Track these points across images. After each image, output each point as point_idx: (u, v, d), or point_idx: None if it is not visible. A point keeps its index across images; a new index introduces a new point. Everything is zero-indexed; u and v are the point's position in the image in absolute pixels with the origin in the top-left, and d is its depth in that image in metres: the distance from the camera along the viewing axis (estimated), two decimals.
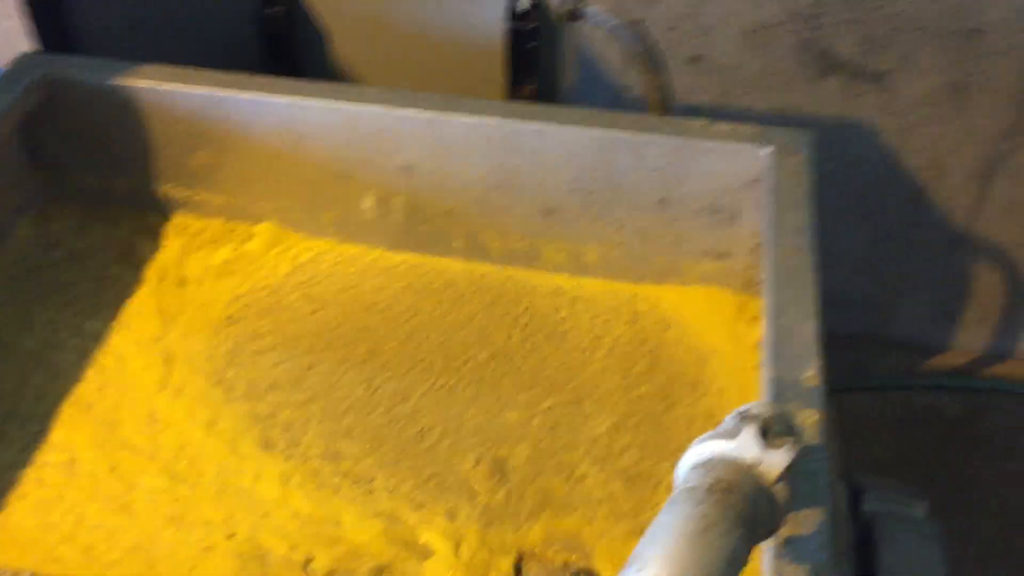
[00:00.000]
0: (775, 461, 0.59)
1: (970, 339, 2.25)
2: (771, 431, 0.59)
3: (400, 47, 1.30)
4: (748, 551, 0.56)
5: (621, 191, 1.12)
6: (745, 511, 0.56)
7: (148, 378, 1.02)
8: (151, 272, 1.17)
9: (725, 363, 1.08)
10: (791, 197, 1.02)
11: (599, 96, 2.04)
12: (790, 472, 0.59)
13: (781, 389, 0.82)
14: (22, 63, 1.18)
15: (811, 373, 0.84)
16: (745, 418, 0.60)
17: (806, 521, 0.71)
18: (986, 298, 2.19)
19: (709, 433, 0.62)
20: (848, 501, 1.04)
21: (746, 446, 0.59)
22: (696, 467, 0.59)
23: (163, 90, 1.16)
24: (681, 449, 0.64)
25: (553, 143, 1.11)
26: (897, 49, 1.87)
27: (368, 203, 1.19)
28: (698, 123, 1.10)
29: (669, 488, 0.92)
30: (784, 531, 0.68)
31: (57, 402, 1.00)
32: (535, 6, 1.24)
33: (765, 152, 1.07)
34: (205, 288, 1.16)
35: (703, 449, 0.60)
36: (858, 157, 2.03)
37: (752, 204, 1.10)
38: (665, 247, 1.15)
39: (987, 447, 2.16)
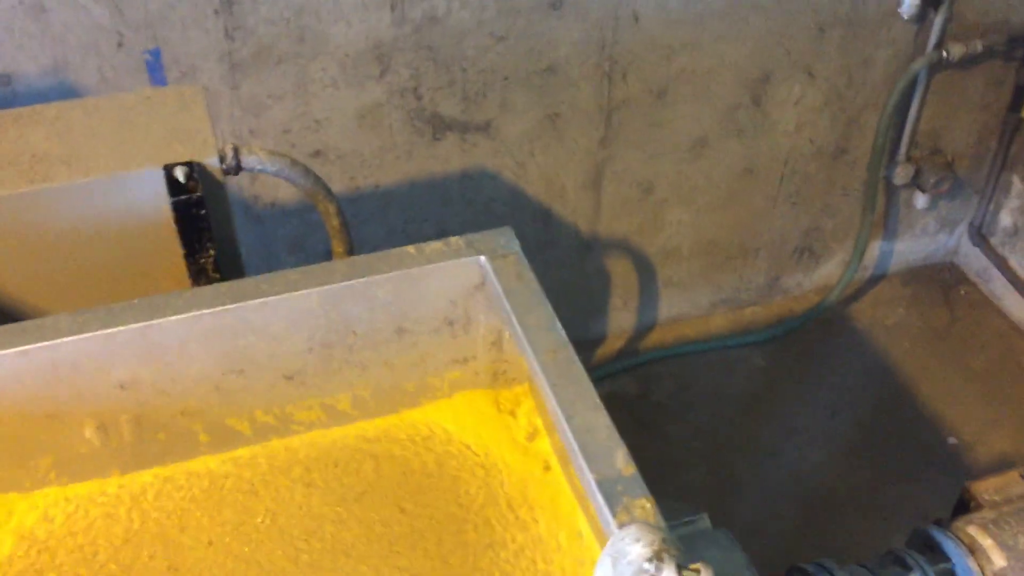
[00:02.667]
0: None
1: (621, 322, 2.52)
2: (681, 563, 0.65)
3: (66, 252, 1.17)
4: None
5: (357, 335, 1.12)
6: None
7: None
8: None
9: (506, 462, 1.13)
10: (523, 298, 1.09)
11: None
12: None
13: (607, 488, 0.89)
14: None
15: (623, 462, 0.91)
16: (658, 561, 0.65)
17: None
18: (622, 284, 2.46)
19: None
20: None
21: None
22: None
23: None
24: None
25: (279, 312, 1.08)
26: (493, 99, 2.03)
27: (88, 433, 1.08)
28: (410, 250, 1.13)
29: None
30: None
31: None
32: (192, 172, 1.19)
33: (481, 260, 1.12)
34: None
35: None
36: (488, 198, 2.18)
37: (480, 307, 1.15)
38: (412, 371, 1.17)
39: (666, 410, 2.44)
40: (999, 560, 1.20)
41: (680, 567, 0.64)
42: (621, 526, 0.84)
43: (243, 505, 1.08)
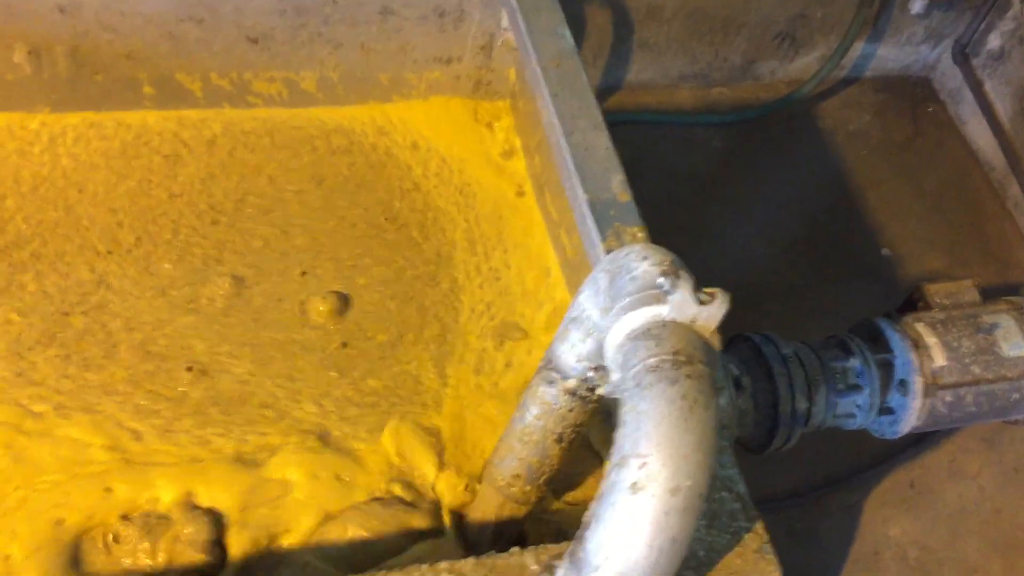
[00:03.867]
0: (712, 314, 0.59)
1: (607, 78, 2.40)
2: (696, 285, 0.59)
3: None
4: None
5: (337, 5, 0.99)
6: (711, 375, 0.56)
7: None
8: None
9: (480, 183, 1.04)
10: None
11: None
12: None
13: (600, 211, 0.82)
14: None
15: (619, 188, 0.84)
16: (673, 277, 0.58)
17: None
18: (596, 38, 2.32)
19: (625, 297, 0.60)
20: None
21: (683, 306, 0.58)
22: (639, 338, 0.57)
23: None
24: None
25: None
26: None
27: (18, 57, 0.94)
28: None
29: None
30: None
31: None
32: None
33: None
34: None
35: (635, 318, 0.58)
36: None
37: (478, 1, 1.03)
38: (389, 61, 1.05)
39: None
40: (940, 359, 1.20)
41: (696, 288, 0.58)
42: (610, 251, 0.77)
43: (166, 169, 0.98)
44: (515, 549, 0.63)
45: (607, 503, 0.53)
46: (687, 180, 2.38)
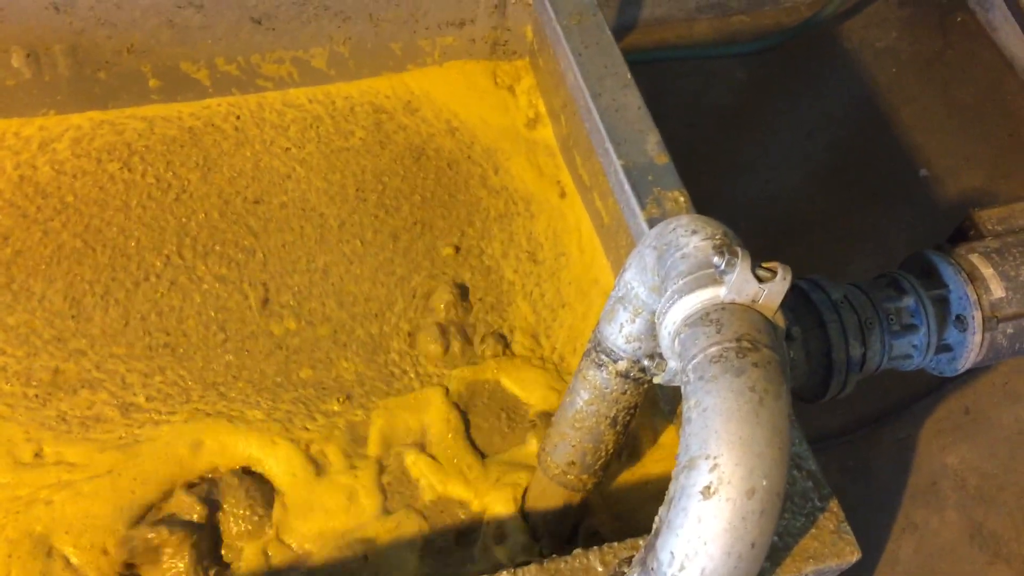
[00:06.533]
0: (774, 291, 0.54)
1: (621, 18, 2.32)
2: (753, 260, 0.55)
3: None
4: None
5: None
6: (779, 361, 0.52)
7: None
8: None
9: (507, 144, 1.00)
10: None
11: None
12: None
13: (636, 176, 0.77)
14: None
15: (655, 150, 0.79)
16: (729, 254, 0.54)
17: None
18: None
19: (677, 279, 0.56)
20: None
21: (742, 286, 0.54)
22: (696, 324, 0.53)
23: None
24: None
25: None
26: None
27: (17, 61, 0.90)
28: None
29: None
30: None
31: None
32: None
33: None
34: None
35: (690, 302, 0.54)
36: None
37: None
38: (400, 30, 1.00)
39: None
40: (998, 290, 1.15)
41: (754, 264, 0.54)
42: (651, 219, 0.73)
43: (180, 158, 0.94)
44: (578, 551, 0.60)
45: (678, 509, 0.49)
46: (712, 114, 2.31)
